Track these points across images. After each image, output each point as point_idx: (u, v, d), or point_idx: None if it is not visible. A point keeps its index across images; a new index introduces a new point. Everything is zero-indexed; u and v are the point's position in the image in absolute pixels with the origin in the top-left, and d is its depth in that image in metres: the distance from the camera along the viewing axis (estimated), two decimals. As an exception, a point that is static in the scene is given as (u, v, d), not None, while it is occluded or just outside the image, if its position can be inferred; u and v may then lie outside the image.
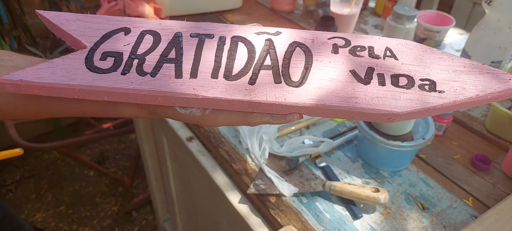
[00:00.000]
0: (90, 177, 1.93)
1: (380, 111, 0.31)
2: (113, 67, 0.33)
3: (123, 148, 2.09)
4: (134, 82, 0.32)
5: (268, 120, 0.34)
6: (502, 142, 0.72)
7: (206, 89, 0.32)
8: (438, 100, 0.32)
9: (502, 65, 0.82)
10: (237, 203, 0.65)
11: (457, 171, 0.66)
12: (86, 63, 0.33)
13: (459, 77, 0.34)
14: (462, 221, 0.58)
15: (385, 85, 0.33)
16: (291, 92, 0.32)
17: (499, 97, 0.33)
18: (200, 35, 0.36)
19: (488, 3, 0.76)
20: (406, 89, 0.33)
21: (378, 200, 0.57)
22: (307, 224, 0.57)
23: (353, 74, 0.34)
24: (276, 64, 0.34)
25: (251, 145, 0.66)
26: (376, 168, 0.66)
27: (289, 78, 0.33)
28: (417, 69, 0.34)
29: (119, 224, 1.72)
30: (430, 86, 0.33)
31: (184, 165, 0.92)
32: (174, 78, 0.33)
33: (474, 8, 1.29)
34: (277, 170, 0.65)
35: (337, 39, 0.37)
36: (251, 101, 0.32)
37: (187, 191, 1.01)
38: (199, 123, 0.34)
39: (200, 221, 1.00)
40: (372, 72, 0.34)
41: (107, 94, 0.32)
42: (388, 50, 0.36)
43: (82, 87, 0.31)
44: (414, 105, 0.32)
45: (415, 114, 0.32)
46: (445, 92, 0.32)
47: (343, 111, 0.32)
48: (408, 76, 0.34)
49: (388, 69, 0.34)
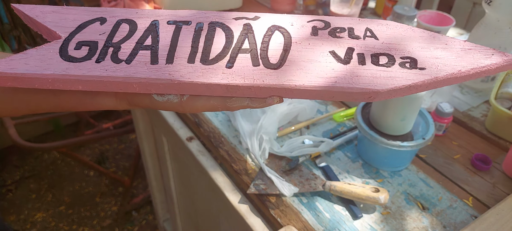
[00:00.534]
0: (90, 177, 1.93)
1: (361, 90, 0.31)
2: (88, 56, 0.32)
3: (123, 148, 2.09)
4: (109, 70, 0.31)
5: (247, 104, 0.33)
6: (502, 142, 0.72)
7: (182, 74, 0.31)
8: (420, 77, 0.31)
9: (502, 65, 0.82)
10: (237, 203, 0.65)
11: (457, 171, 0.66)
12: (60, 53, 0.32)
13: (441, 54, 0.33)
14: (462, 221, 0.58)
15: (365, 65, 0.32)
16: (269, 74, 0.32)
17: (482, 73, 0.32)
18: (177, 22, 0.36)
19: (488, 3, 0.76)
20: (386, 68, 0.32)
21: (378, 200, 0.56)
22: (307, 224, 0.57)
23: (332, 54, 0.33)
24: (255, 48, 0.34)
25: (251, 145, 0.66)
26: (376, 168, 0.66)
27: (267, 61, 0.33)
28: (398, 48, 0.34)
29: (119, 224, 1.72)
30: (411, 64, 0.32)
31: (184, 165, 0.92)
32: (150, 65, 0.32)
33: (474, 8, 1.29)
34: (277, 170, 0.65)
35: (316, 21, 0.37)
36: (229, 85, 0.31)
37: (187, 191, 1.01)
38: (177, 109, 0.34)
39: (200, 221, 1.00)
40: (352, 52, 0.34)
41: (82, 83, 0.31)
42: (368, 31, 0.36)
43: (56, 76, 0.31)
44: (395, 82, 0.31)
45: (396, 92, 0.31)
46: (426, 69, 0.32)
47: (323, 92, 0.31)
48: (388, 55, 0.33)
49: (368, 49, 0.34)
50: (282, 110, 0.72)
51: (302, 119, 0.75)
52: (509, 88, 0.75)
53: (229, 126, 0.75)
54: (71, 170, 1.96)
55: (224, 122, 0.76)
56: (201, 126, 0.75)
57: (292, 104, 0.74)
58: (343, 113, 0.77)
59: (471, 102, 0.82)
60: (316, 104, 0.77)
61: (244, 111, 0.72)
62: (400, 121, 0.62)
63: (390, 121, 0.62)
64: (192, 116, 0.78)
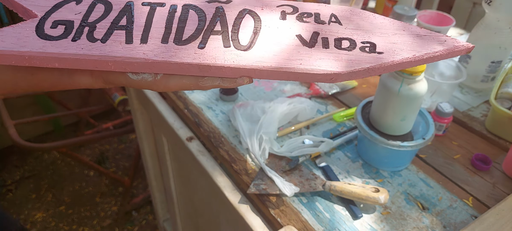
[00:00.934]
0: (90, 177, 1.93)
1: (323, 71, 0.33)
2: (64, 34, 0.33)
3: (123, 148, 2.09)
4: (85, 48, 0.32)
5: (219, 84, 0.35)
6: (502, 142, 0.72)
7: (156, 54, 0.33)
8: (377, 61, 0.34)
9: (502, 65, 0.82)
10: (237, 202, 0.65)
11: (457, 171, 0.66)
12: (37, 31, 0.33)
13: (398, 40, 0.36)
14: (462, 221, 0.58)
15: (329, 48, 0.35)
16: (239, 55, 0.34)
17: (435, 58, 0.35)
18: (151, 4, 0.37)
19: (488, 3, 0.76)
20: (348, 51, 0.35)
21: (378, 200, 0.56)
22: (307, 224, 0.57)
23: (299, 38, 0.36)
24: (226, 30, 0.36)
25: (251, 145, 0.66)
26: (376, 168, 0.66)
27: (238, 42, 0.35)
28: (359, 33, 0.37)
29: (119, 224, 1.72)
30: (370, 48, 0.35)
31: (184, 165, 0.92)
32: (125, 44, 0.33)
33: (474, 8, 1.29)
34: (277, 170, 0.65)
35: (285, 6, 0.39)
36: (200, 64, 0.33)
37: (187, 191, 1.01)
38: (151, 88, 0.35)
39: (200, 221, 1.00)
40: (317, 37, 0.36)
41: (58, 61, 0.32)
42: (333, 17, 0.38)
43: (33, 53, 0.32)
44: (355, 65, 0.33)
45: (355, 74, 0.34)
46: (384, 53, 0.34)
47: (289, 73, 0.33)
48: (350, 40, 0.36)
49: (332, 34, 0.36)
50: (282, 110, 0.72)
51: (302, 119, 0.75)
52: (509, 88, 0.75)
53: (229, 126, 0.75)
54: (71, 170, 1.96)
55: (224, 122, 0.76)
56: (201, 126, 0.75)
57: (292, 105, 0.74)
58: (343, 114, 0.77)
59: (471, 102, 0.82)
60: (316, 105, 0.77)
61: (244, 112, 0.72)
62: (400, 121, 0.62)
63: (390, 121, 0.62)
64: (192, 116, 0.78)
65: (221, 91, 0.82)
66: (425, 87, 0.59)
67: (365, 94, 0.85)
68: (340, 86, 0.84)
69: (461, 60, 0.86)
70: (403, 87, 0.58)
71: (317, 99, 0.82)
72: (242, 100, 0.82)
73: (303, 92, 0.83)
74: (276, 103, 0.73)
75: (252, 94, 0.83)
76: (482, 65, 0.82)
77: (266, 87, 0.86)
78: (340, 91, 0.84)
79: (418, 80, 0.58)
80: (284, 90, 0.85)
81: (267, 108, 0.72)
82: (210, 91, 0.84)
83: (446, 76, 0.82)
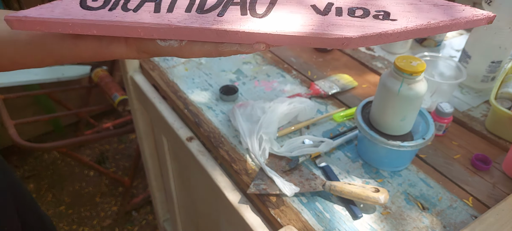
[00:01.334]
0: (90, 177, 1.93)
1: (335, 36, 0.34)
2: (103, 5, 0.38)
3: (123, 148, 2.09)
4: (118, 16, 0.37)
5: (237, 49, 0.38)
6: (502, 142, 0.72)
7: (179, 21, 0.37)
8: (390, 26, 0.35)
9: (502, 65, 0.83)
10: (237, 202, 0.65)
11: (457, 171, 0.66)
12: (81, 4, 0.39)
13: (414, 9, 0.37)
14: (462, 221, 0.58)
15: (342, 16, 0.36)
16: (255, 22, 0.36)
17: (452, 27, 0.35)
18: None
19: (488, 3, 0.76)
20: (360, 19, 0.36)
21: (378, 200, 0.57)
22: (307, 224, 0.57)
23: (313, 8, 0.38)
24: (244, 1, 0.39)
25: (251, 145, 0.66)
26: (376, 168, 0.66)
27: (254, 11, 0.37)
28: (374, 3, 0.38)
29: (119, 224, 1.72)
30: (384, 16, 0.36)
31: (184, 165, 0.92)
32: (153, 13, 0.38)
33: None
34: (277, 170, 0.65)
35: None
36: (218, 29, 0.36)
37: (187, 191, 1.01)
38: (177, 54, 0.39)
39: (200, 221, 1.00)
40: (331, 6, 0.38)
41: (96, 27, 0.37)
42: None
43: (75, 21, 0.36)
44: (366, 30, 0.34)
45: (367, 39, 0.35)
46: (398, 20, 0.35)
47: (301, 37, 0.35)
48: (364, 8, 0.37)
49: (346, 3, 0.38)
50: (282, 110, 0.72)
51: (302, 118, 0.75)
52: (509, 88, 0.75)
53: (229, 126, 0.75)
54: (71, 170, 1.96)
55: (224, 122, 0.76)
56: (201, 126, 0.75)
57: (292, 105, 0.74)
58: (343, 113, 0.77)
59: (471, 102, 0.82)
60: (316, 105, 0.77)
61: (244, 112, 0.73)
62: (400, 120, 0.62)
63: (390, 121, 0.62)
64: (192, 116, 0.78)
65: (221, 91, 0.82)
66: (425, 87, 0.59)
67: (365, 94, 0.85)
68: (340, 86, 0.85)
69: (461, 60, 0.86)
70: (403, 87, 0.58)
71: (317, 99, 0.82)
72: (242, 100, 0.82)
73: (303, 92, 0.83)
74: (276, 103, 0.73)
75: (252, 94, 0.83)
76: (482, 65, 0.82)
77: (266, 87, 0.86)
78: (340, 91, 0.84)
79: (418, 80, 0.58)
80: (284, 90, 0.85)
81: (267, 108, 0.72)
82: (210, 92, 0.84)
83: (446, 76, 0.82)
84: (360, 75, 0.91)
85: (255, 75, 0.90)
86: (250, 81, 0.87)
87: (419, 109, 0.64)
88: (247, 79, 0.88)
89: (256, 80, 0.88)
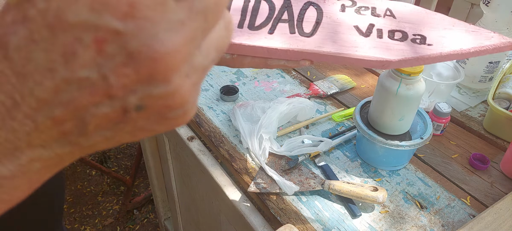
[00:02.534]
0: (92, 176, 1.94)
1: (377, 59, 0.36)
2: None
3: (124, 147, 2.10)
4: None
5: (284, 64, 0.40)
6: (500, 141, 0.72)
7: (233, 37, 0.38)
8: (426, 51, 0.37)
9: (500, 66, 0.83)
10: (237, 201, 0.65)
11: (455, 170, 0.67)
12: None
13: (447, 34, 0.39)
14: (460, 220, 0.59)
15: (382, 38, 0.38)
16: (303, 41, 0.38)
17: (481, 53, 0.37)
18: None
19: (486, 4, 0.77)
20: (400, 42, 0.38)
21: (376, 199, 0.57)
22: (306, 222, 0.58)
23: (356, 29, 0.39)
24: (292, 19, 0.40)
25: (251, 144, 0.67)
26: (375, 167, 0.67)
27: (302, 30, 0.39)
28: (411, 27, 0.40)
29: (120, 223, 1.73)
30: (421, 40, 0.38)
31: (185, 164, 0.93)
32: None
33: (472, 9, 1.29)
34: (277, 169, 0.65)
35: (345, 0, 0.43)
36: (269, 48, 0.37)
37: (188, 190, 1.02)
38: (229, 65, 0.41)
39: (201, 219, 1.01)
40: (372, 28, 0.39)
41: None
42: (388, 10, 0.42)
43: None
44: (405, 54, 0.36)
45: (406, 62, 0.37)
46: (433, 45, 0.37)
47: (345, 58, 0.37)
48: (402, 32, 0.39)
49: (386, 26, 0.40)
50: (282, 110, 0.73)
51: (301, 118, 0.76)
52: (507, 89, 0.75)
53: (229, 126, 0.75)
54: (73, 169, 1.97)
55: (225, 121, 0.77)
56: (202, 126, 0.76)
57: (292, 105, 0.74)
58: (342, 113, 0.77)
59: (469, 102, 0.83)
60: (315, 105, 0.78)
61: (244, 111, 0.73)
62: (398, 120, 0.62)
63: (389, 121, 0.63)
64: (193, 116, 0.78)
65: (221, 92, 0.82)
66: (423, 88, 0.60)
67: (363, 94, 0.85)
68: (339, 87, 0.85)
69: (459, 60, 0.87)
70: (401, 87, 0.58)
71: (316, 100, 0.83)
72: (242, 100, 0.82)
73: (303, 93, 0.84)
74: (276, 103, 0.74)
75: (252, 95, 0.84)
76: (480, 66, 0.83)
77: (266, 87, 0.87)
78: (339, 91, 0.85)
79: (416, 81, 0.59)
80: (284, 90, 0.86)
81: (267, 108, 0.73)
82: (211, 92, 0.84)
83: (444, 77, 0.82)
84: (359, 75, 0.92)
85: (255, 75, 0.91)
86: (250, 82, 0.88)
87: (417, 109, 0.64)
88: (247, 80, 0.89)
89: (256, 81, 0.89)
